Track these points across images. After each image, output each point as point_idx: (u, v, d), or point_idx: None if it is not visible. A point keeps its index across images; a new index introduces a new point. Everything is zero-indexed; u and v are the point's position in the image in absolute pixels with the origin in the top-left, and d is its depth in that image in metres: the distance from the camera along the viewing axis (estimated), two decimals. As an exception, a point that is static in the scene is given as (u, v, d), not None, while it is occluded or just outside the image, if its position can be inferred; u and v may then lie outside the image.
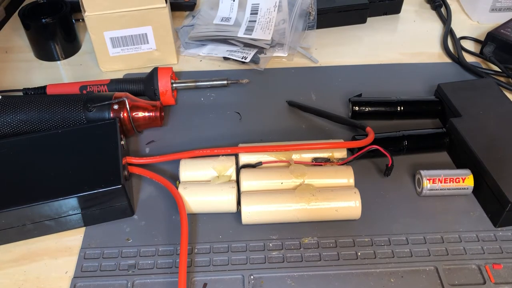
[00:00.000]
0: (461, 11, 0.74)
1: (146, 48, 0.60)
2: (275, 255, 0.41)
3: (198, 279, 0.39)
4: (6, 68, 0.63)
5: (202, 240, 0.42)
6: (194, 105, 0.56)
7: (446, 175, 0.44)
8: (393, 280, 0.39)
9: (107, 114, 0.48)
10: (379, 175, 0.48)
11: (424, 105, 0.54)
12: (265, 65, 0.62)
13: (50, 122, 0.48)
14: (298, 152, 0.46)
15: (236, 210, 0.43)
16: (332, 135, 0.52)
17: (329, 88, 0.59)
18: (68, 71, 0.63)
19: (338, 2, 0.69)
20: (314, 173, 0.44)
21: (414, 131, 0.50)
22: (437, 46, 0.67)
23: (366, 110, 0.53)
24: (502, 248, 0.41)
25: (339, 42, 0.67)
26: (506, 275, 0.39)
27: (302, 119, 0.54)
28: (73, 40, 0.65)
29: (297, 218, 0.42)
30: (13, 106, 0.48)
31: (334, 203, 0.42)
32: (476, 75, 0.60)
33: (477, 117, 0.49)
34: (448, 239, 0.42)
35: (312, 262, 0.40)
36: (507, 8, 0.69)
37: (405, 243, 0.41)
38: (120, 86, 0.55)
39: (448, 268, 0.40)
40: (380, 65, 0.63)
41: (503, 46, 0.61)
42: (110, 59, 0.60)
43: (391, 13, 0.73)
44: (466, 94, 0.52)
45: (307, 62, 0.64)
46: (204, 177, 0.45)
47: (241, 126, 0.53)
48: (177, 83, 0.56)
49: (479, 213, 0.44)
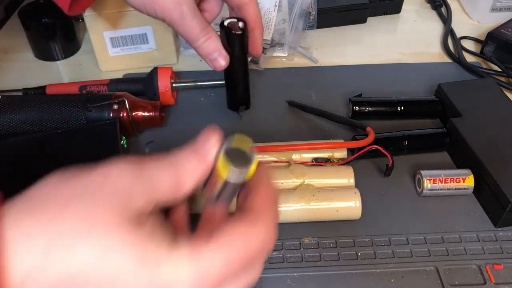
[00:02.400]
0: (462, 11, 0.74)
1: (146, 48, 0.60)
2: (275, 255, 0.41)
3: (198, 279, 0.39)
4: (6, 68, 0.63)
5: (202, 240, 0.42)
6: (194, 105, 0.56)
7: (447, 175, 0.44)
8: (393, 280, 0.39)
9: (107, 114, 0.48)
10: (379, 175, 0.48)
11: (424, 105, 0.54)
12: (265, 65, 0.62)
13: (49, 122, 0.48)
14: (298, 152, 0.46)
15: (236, 210, 0.43)
16: (332, 135, 0.52)
17: (329, 88, 0.59)
18: (67, 71, 0.63)
19: (338, 2, 0.69)
20: (314, 173, 0.44)
21: (414, 131, 0.50)
22: (438, 46, 0.67)
23: (366, 110, 0.53)
24: (503, 248, 0.41)
25: (339, 42, 0.67)
26: (506, 275, 0.39)
27: (302, 119, 0.54)
28: (72, 40, 0.65)
29: (297, 218, 0.42)
30: (12, 106, 0.48)
31: (334, 203, 0.42)
32: (477, 75, 0.60)
33: (477, 117, 0.49)
34: (449, 239, 0.42)
35: (312, 262, 0.40)
36: (508, 8, 0.69)
37: (405, 243, 0.41)
38: (120, 86, 0.55)
39: (449, 268, 0.40)
40: (380, 65, 0.63)
41: (503, 46, 0.61)
42: (110, 59, 0.60)
43: (391, 13, 0.73)
44: (467, 94, 0.52)
45: (307, 62, 0.64)
46: (204, 177, 0.45)
47: (241, 126, 0.53)
48: (177, 83, 0.56)
49: (480, 213, 0.44)
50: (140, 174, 0.23)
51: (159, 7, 0.41)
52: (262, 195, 0.26)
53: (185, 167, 0.25)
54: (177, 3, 0.40)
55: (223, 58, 0.44)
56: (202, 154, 0.26)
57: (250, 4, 0.44)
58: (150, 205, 0.23)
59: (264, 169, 0.27)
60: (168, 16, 0.41)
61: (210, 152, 0.26)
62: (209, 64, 0.45)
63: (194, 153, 0.26)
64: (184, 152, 0.26)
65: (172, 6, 0.40)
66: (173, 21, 0.41)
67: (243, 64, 0.48)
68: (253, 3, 0.44)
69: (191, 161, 0.25)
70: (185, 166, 0.25)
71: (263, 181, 0.27)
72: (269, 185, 0.27)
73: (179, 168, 0.25)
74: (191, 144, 0.26)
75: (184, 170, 0.25)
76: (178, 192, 0.25)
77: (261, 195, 0.26)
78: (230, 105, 0.53)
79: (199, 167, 0.26)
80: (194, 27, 0.42)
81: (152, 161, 0.25)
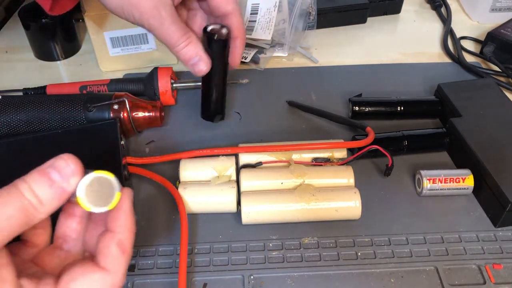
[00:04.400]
0: (461, 11, 0.74)
1: (146, 48, 0.60)
2: (275, 255, 0.41)
3: (198, 279, 0.39)
4: (6, 68, 0.63)
5: (202, 240, 0.42)
6: (194, 105, 0.56)
7: (446, 175, 0.44)
8: (393, 280, 0.39)
9: (107, 114, 0.48)
10: (379, 175, 0.48)
11: (424, 105, 0.54)
12: (265, 65, 0.62)
13: (50, 122, 0.48)
14: (298, 152, 0.46)
15: (236, 210, 0.43)
16: (332, 135, 0.52)
17: (329, 88, 0.59)
18: (68, 71, 0.63)
19: (338, 2, 0.69)
20: (314, 173, 0.44)
21: (414, 131, 0.50)
22: (437, 46, 0.67)
23: (366, 110, 0.53)
24: (502, 248, 0.41)
25: (339, 42, 0.67)
26: (506, 275, 0.39)
27: (302, 119, 0.54)
28: (73, 40, 0.65)
29: (297, 218, 0.42)
30: (13, 106, 0.48)
31: (334, 203, 0.42)
32: (476, 75, 0.60)
33: (477, 117, 0.49)
34: (448, 239, 0.42)
35: (312, 262, 0.40)
36: (507, 8, 0.69)
37: (405, 243, 0.41)
38: (120, 86, 0.55)
39: (448, 268, 0.40)
40: (380, 65, 0.63)
41: (503, 46, 0.61)
42: (110, 59, 0.60)
43: (391, 13, 0.73)
44: (466, 94, 0.52)
45: (307, 62, 0.64)
46: (204, 177, 0.45)
47: (241, 126, 0.53)
48: (177, 83, 0.56)
49: (479, 213, 0.44)
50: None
51: (137, 11, 0.40)
52: (116, 235, 0.27)
53: (38, 196, 0.25)
54: (155, 7, 0.39)
55: (204, 63, 0.43)
56: (58, 183, 0.25)
57: (234, 13, 0.43)
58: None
59: (125, 198, 0.28)
60: (146, 21, 0.40)
61: (67, 182, 0.25)
62: (190, 69, 0.44)
63: (48, 182, 0.25)
64: (34, 178, 0.25)
65: (150, 11, 0.40)
66: (151, 26, 0.41)
67: (223, 72, 0.47)
68: (237, 12, 0.44)
69: (45, 192, 0.25)
70: (38, 195, 0.25)
71: (122, 214, 0.28)
72: (128, 217, 0.28)
73: (25, 201, 0.24)
74: (42, 168, 0.25)
75: (36, 199, 0.24)
76: (29, 223, 0.24)
77: (115, 235, 0.27)
78: (204, 114, 0.51)
79: (56, 198, 0.25)
80: (173, 32, 0.41)
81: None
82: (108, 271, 0.26)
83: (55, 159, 0.25)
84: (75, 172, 0.25)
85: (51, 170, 0.25)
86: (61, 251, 0.29)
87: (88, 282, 0.26)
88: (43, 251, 0.29)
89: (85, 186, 0.26)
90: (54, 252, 0.29)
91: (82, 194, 0.26)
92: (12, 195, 0.24)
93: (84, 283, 0.26)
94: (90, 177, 0.26)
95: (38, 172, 0.25)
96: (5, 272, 0.24)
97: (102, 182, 0.26)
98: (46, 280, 0.25)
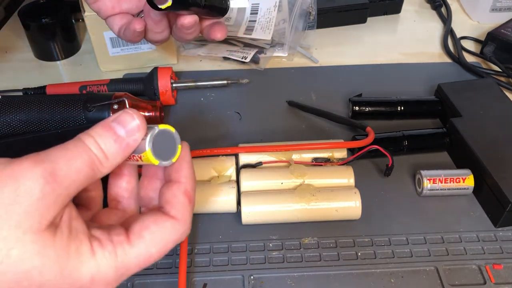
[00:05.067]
0: (462, 11, 0.74)
1: (146, 48, 0.60)
2: (275, 255, 0.41)
3: (198, 279, 0.39)
4: (6, 68, 0.63)
5: (202, 240, 0.42)
6: (194, 105, 0.56)
7: (446, 175, 0.44)
8: (393, 280, 0.39)
9: (107, 114, 0.48)
10: (379, 175, 0.48)
11: (424, 105, 0.54)
12: (265, 65, 0.62)
13: (50, 122, 0.48)
14: (298, 152, 0.46)
15: (236, 210, 0.43)
16: (332, 135, 0.52)
17: (329, 88, 0.59)
18: (68, 71, 0.63)
19: (338, 2, 0.69)
20: (314, 173, 0.44)
21: (414, 131, 0.50)
22: (437, 46, 0.67)
23: (366, 110, 0.53)
24: (503, 248, 0.41)
25: (339, 42, 0.67)
26: (506, 275, 0.39)
27: (302, 119, 0.54)
28: (73, 40, 0.65)
29: (297, 218, 0.42)
30: (13, 106, 0.48)
31: (334, 203, 0.42)
32: (476, 75, 0.60)
33: (477, 117, 0.49)
34: (448, 239, 0.42)
35: (312, 262, 0.40)
36: (507, 8, 0.69)
37: (405, 243, 0.41)
38: (120, 86, 0.55)
39: (448, 268, 0.40)
40: (380, 65, 0.63)
41: (503, 46, 0.61)
42: (110, 59, 0.60)
43: (391, 13, 0.73)
44: (466, 94, 0.52)
45: (307, 62, 0.64)
46: (204, 177, 0.45)
47: (241, 126, 0.53)
48: (177, 83, 0.56)
49: (479, 213, 0.44)
50: (52, 179, 0.22)
51: None
52: (182, 185, 0.27)
53: (103, 151, 0.24)
54: None
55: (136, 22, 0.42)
56: (123, 138, 0.25)
57: None
58: (64, 205, 0.23)
59: (185, 150, 0.28)
60: None
61: (132, 137, 0.25)
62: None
63: (114, 137, 0.25)
64: (100, 133, 0.25)
65: None
66: None
67: None
68: None
69: (111, 147, 0.25)
70: (103, 150, 0.24)
71: (185, 164, 0.28)
72: (190, 168, 0.28)
73: (93, 155, 0.24)
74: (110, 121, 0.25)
75: (102, 154, 0.24)
76: (94, 177, 0.24)
77: (181, 185, 0.27)
78: None
79: (120, 153, 0.25)
80: None
81: (63, 154, 0.23)
82: (178, 220, 0.26)
83: (120, 113, 0.25)
84: (140, 128, 0.25)
85: (116, 124, 0.25)
86: (117, 211, 0.29)
87: (161, 230, 0.26)
88: (98, 213, 0.29)
89: (153, 141, 0.26)
90: (111, 212, 0.29)
91: (151, 149, 0.25)
92: (79, 148, 0.24)
93: (157, 230, 0.26)
94: (155, 131, 0.26)
95: (102, 127, 0.25)
96: (76, 222, 0.24)
97: (165, 135, 0.27)
98: (116, 230, 0.25)
